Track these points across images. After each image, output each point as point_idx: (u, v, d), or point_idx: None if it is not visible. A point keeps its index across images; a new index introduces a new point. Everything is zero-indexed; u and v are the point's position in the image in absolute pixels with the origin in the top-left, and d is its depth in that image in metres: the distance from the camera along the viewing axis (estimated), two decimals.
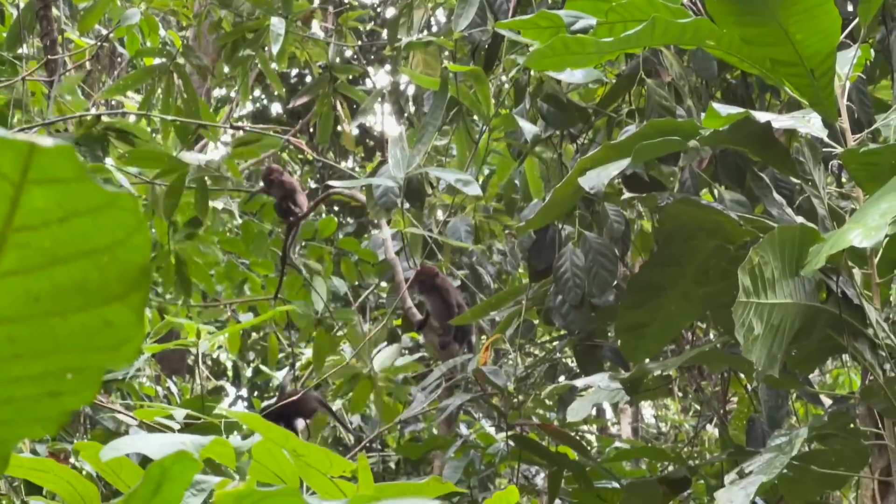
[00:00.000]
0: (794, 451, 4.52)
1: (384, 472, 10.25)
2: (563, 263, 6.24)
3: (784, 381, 5.31)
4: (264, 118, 13.79)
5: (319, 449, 2.70)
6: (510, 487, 2.84)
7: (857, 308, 4.77)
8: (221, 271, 9.25)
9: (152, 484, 2.09)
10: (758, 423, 6.49)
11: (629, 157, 4.73)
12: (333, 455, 2.74)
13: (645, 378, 5.41)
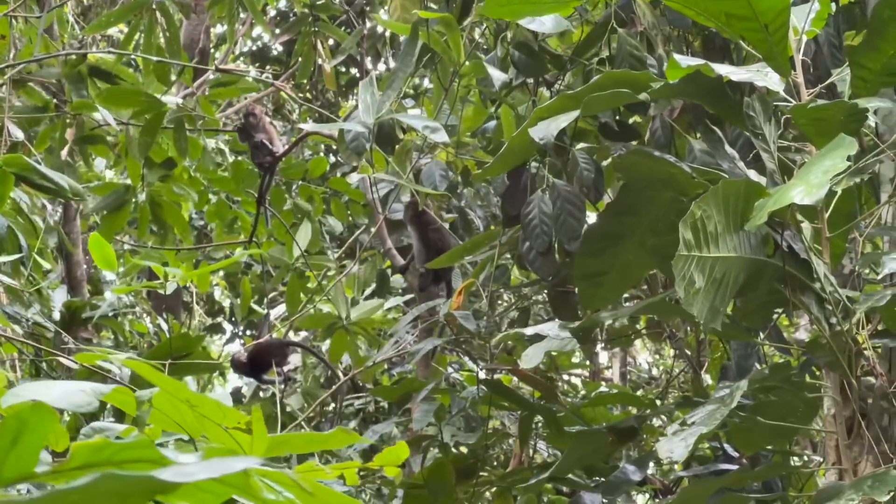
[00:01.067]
0: (734, 402, 4.57)
1: (376, 414, 10.33)
2: (531, 210, 6.27)
3: (732, 332, 5.35)
4: (263, 58, 13.81)
5: (212, 400, 2.74)
6: (399, 444, 2.88)
7: (805, 262, 4.80)
8: (212, 209, 9.33)
9: (10, 435, 2.13)
10: (730, 371, 6.54)
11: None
12: (226, 407, 2.78)
13: (596, 327, 5.46)
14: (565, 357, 8.96)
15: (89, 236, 6.67)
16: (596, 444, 5.45)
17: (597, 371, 10.96)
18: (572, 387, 9.87)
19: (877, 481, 4.51)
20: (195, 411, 2.78)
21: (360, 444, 7.98)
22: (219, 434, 2.83)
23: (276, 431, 8.97)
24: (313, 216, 9.15)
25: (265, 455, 2.85)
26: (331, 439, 3.07)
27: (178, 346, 7.65)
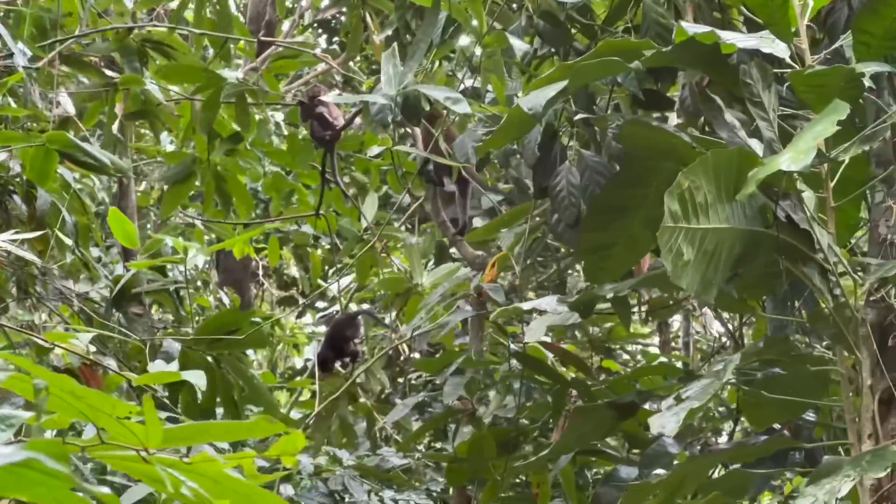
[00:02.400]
0: (726, 377, 4.47)
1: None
2: (559, 182, 6.18)
3: (731, 304, 5.23)
4: (331, 28, 13.76)
5: (98, 393, 2.72)
6: (294, 433, 2.83)
7: (805, 232, 4.67)
8: (269, 182, 9.34)
9: None
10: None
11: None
12: (114, 399, 2.75)
13: (597, 301, 5.37)
14: (622, 328, 8.83)
15: (110, 211, 6.72)
16: (597, 420, 5.37)
17: (667, 341, 10.81)
18: (632, 357, 9.76)
19: (875, 457, 4.39)
20: (82, 402, 2.75)
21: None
22: (112, 424, 2.80)
23: (345, 406, 9.01)
24: (370, 188, 9.13)
25: (166, 445, 2.82)
26: (254, 427, 3.01)
27: (228, 321, 7.69)
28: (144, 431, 2.84)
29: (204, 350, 7.54)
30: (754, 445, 5.29)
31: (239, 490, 2.88)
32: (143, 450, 2.82)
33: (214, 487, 2.87)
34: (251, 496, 2.89)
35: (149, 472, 2.85)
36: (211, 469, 2.87)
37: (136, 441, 2.84)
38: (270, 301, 12.66)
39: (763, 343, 5.01)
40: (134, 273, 8.27)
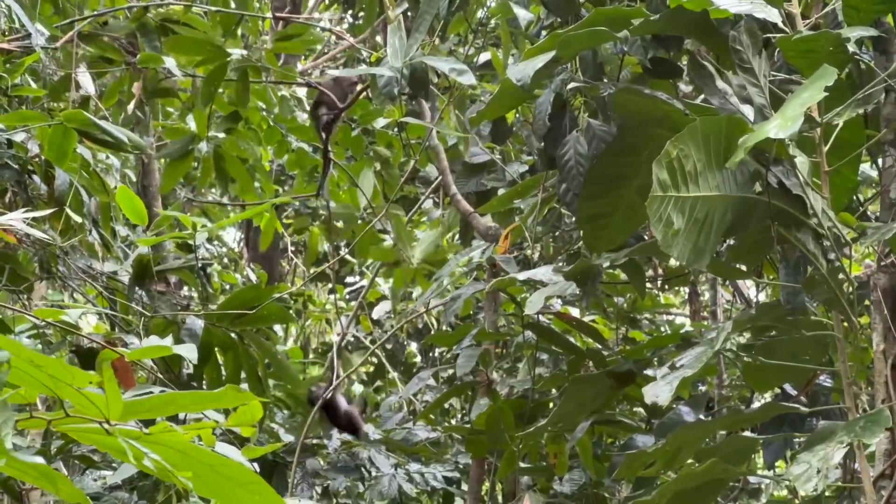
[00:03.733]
0: (718, 344, 4.47)
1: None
2: (567, 151, 6.17)
3: (728, 271, 5.22)
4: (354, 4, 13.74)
5: (57, 361, 2.74)
6: (254, 403, 2.85)
7: (799, 198, 4.65)
8: (293, 158, 9.38)
9: None
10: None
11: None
12: (74, 368, 2.77)
13: (593, 271, 5.37)
14: (648, 299, 8.85)
15: (118, 188, 6.77)
16: (595, 389, 5.38)
17: (697, 310, 10.78)
18: (658, 327, 9.74)
19: (869, 422, 4.38)
20: (41, 372, 2.77)
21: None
22: (73, 395, 2.81)
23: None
24: (393, 162, 9.15)
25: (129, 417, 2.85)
26: (221, 397, 3.02)
27: (251, 297, 7.74)
28: (106, 403, 2.86)
29: (227, 326, 7.60)
30: (751, 412, 5.29)
31: (205, 460, 2.91)
32: (105, 421, 2.85)
33: (180, 458, 2.90)
34: (217, 466, 2.92)
35: (113, 445, 2.88)
36: (176, 441, 2.89)
37: (98, 413, 2.86)
38: (302, 277, 12.71)
39: (755, 310, 5.00)
40: (157, 251, 8.36)
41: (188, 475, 2.82)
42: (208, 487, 2.87)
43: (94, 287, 8.05)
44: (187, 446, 2.85)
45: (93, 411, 2.83)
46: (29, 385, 2.83)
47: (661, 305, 9.52)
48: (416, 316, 8.60)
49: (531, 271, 5.71)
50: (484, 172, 8.37)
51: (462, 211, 8.08)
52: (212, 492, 2.89)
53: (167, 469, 2.79)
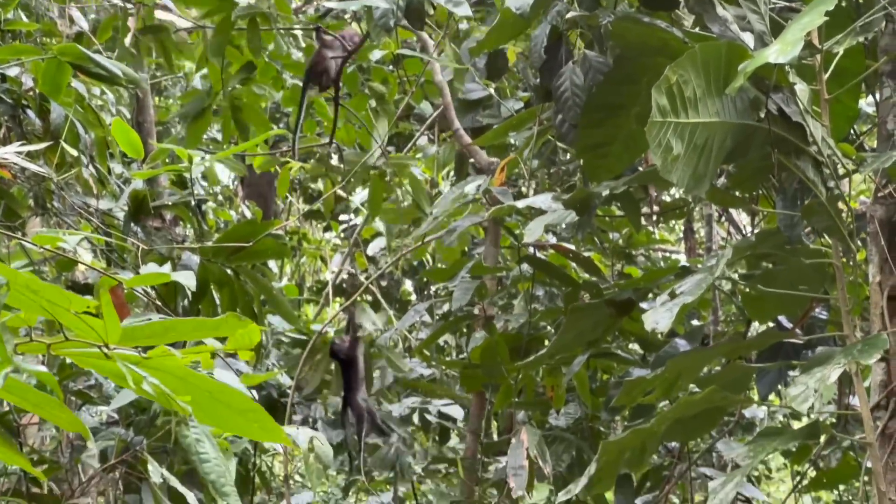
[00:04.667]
0: (718, 271, 4.46)
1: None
2: (563, 83, 6.12)
3: (726, 199, 5.20)
4: None
5: (54, 287, 2.72)
6: (252, 327, 2.82)
7: (799, 125, 4.62)
8: (287, 95, 9.32)
9: None
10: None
11: None
12: (71, 294, 2.74)
13: (592, 199, 5.34)
14: (643, 234, 8.83)
15: (113, 121, 6.73)
16: (595, 318, 5.37)
17: (692, 247, 10.75)
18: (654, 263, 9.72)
19: (866, 345, 4.38)
20: (40, 297, 2.75)
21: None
22: (70, 320, 2.79)
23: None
24: (388, 99, 9.09)
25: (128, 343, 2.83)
26: (222, 325, 2.99)
27: (246, 233, 7.72)
28: (104, 327, 2.83)
29: (223, 262, 7.59)
30: (749, 339, 5.28)
31: (203, 386, 2.89)
32: (104, 346, 2.83)
33: (179, 384, 2.88)
34: (216, 393, 2.90)
35: (112, 369, 2.85)
36: (175, 367, 2.87)
37: (96, 337, 2.83)
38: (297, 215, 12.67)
39: (755, 237, 4.98)
40: (153, 187, 8.33)
41: (187, 399, 2.81)
42: (207, 414, 2.85)
43: (89, 223, 8.03)
44: (186, 372, 2.83)
45: (91, 336, 2.80)
46: (28, 310, 2.80)
47: (657, 241, 9.50)
48: (411, 251, 8.56)
49: (530, 199, 5.69)
50: (479, 109, 8.33)
51: (463, 145, 8.03)
52: (210, 418, 2.87)
53: (166, 394, 2.78)
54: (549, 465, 5.99)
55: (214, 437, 4.18)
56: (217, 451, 3.77)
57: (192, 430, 3.85)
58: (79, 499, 7.34)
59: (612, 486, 5.56)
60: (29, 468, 3.02)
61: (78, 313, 2.79)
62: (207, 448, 3.77)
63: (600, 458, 4.77)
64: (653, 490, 7.57)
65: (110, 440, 6.88)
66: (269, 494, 11.59)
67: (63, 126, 7.06)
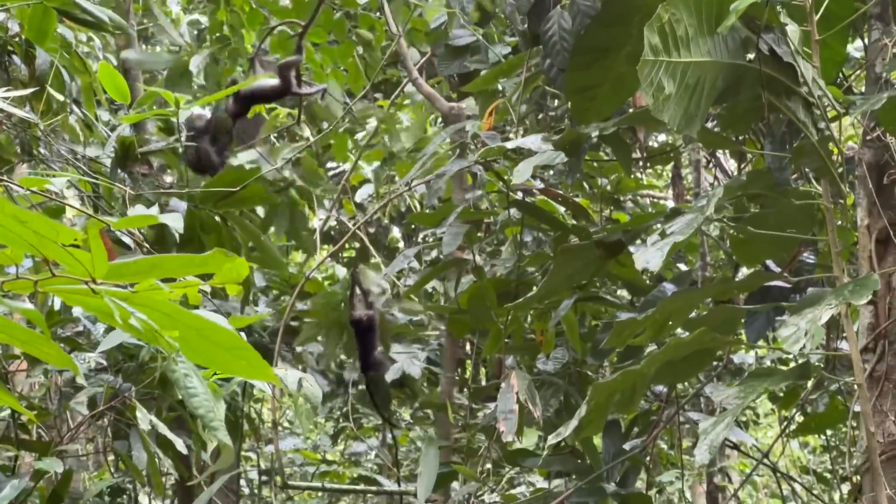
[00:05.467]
0: (709, 210, 4.44)
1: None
2: (551, 27, 6.10)
3: (717, 140, 5.17)
4: None
5: (41, 217, 2.69)
6: (239, 260, 2.80)
7: (790, 66, 4.60)
8: (275, 41, 9.26)
9: None
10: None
11: None
12: (59, 224, 2.72)
13: (582, 141, 5.32)
14: (631, 180, 8.82)
15: (100, 65, 6.68)
16: (584, 259, 5.34)
17: (680, 192, 10.73)
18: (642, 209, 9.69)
19: (857, 286, 4.37)
20: (26, 228, 2.71)
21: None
22: (58, 253, 2.76)
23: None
24: (375, 45, 9.05)
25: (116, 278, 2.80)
26: (209, 260, 2.96)
27: (232, 179, 7.69)
28: (91, 262, 2.80)
29: (210, 208, 7.56)
30: (739, 281, 5.27)
31: (190, 323, 2.87)
32: (92, 281, 2.80)
33: (166, 321, 2.86)
34: (204, 330, 2.88)
35: (99, 306, 2.83)
36: (163, 303, 2.85)
37: (84, 272, 2.81)
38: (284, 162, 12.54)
39: (746, 177, 4.96)
40: (140, 133, 8.29)
41: (175, 336, 2.79)
42: (194, 350, 2.84)
43: (76, 170, 7.99)
44: (174, 309, 2.82)
45: (79, 270, 2.78)
46: (14, 244, 2.77)
47: (645, 187, 9.48)
48: (398, 196, 8.54)
49: (520, 140, 5.66)
50: (467, 54, 8.29)
51: (424, 93, 7.99)
52: (197, 355, 2.86)
53: (154, 330, 2.76)
54: (538, 409, 5.99)
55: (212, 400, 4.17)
56: (205, 386, 3.76)
57: (180, 366, 3.84)
58: (67, 444, 7.34)
59: (602, 428, 5.56)
60: (18, 407, 3.00)
61: (65, 246, 2.76)
62: (195, 383, 3.76)
63: (590, 400, 4.77)
64: (641, 435, 7.58)
65: (99, 387, 6.87)
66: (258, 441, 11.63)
67: (49, 72, 7.01)
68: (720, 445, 10.07)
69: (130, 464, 6.98)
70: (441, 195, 8.17)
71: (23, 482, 6.51)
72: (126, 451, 7.00)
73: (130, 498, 9.03)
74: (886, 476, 4.89)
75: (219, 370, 2.91)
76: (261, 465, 11.30)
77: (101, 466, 10.51)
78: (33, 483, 6.62)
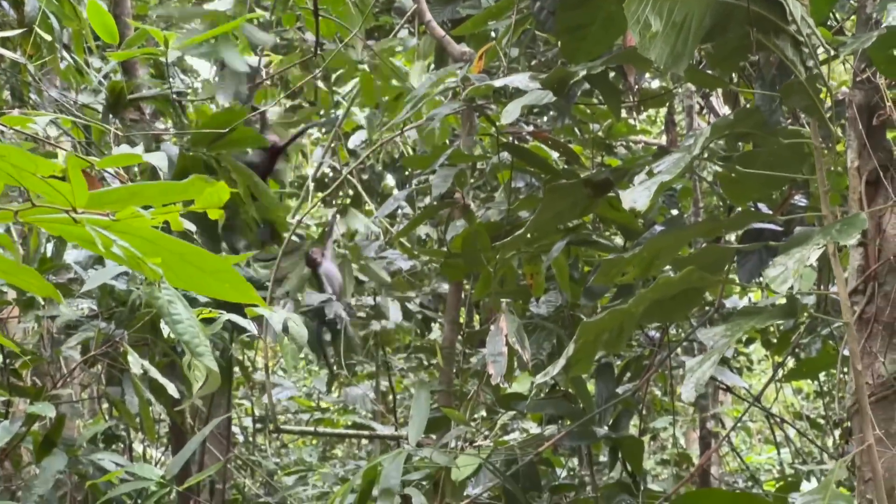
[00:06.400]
0: (696, 149, 4.43)
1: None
2: None
3: (705, 79, 5.15)
4: None
5: (19, 150, 2.68)
6: (220, 183, 2.79)
7: (778, 4, 4.57)
8: None
9: None
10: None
11: None
12: (38, 157, 2.71)
13: (570, 78, 5.29)
14: (622, 124, 8.79)
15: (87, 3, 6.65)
16: (573, 198, 5.33)
17: (673, 139, 10.72)
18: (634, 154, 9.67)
19: (845, 225, 4.36)
20: (3, 161, 2.71)
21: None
22: (37, 185, 2.75)
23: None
24: None
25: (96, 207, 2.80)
26: (189, 188, 2.95)
27: (223, 120, 7.68)
28: (71, 192, 2.80)
29: (203, 151, 7.56)
30: (727, 219, 5.27)
31: (173, 249, 2.87)
32: (72, 210, 2.80)
33: (149, 247, 2.85)
34: (186, 255, 2.88)
35: (81, 234, 2.83)
36: (144, 229, 2.85)
37: (64, 202, 2.80)
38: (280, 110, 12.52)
39: (734, 116, 4.95)
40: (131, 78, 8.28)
41: (157, 262, 2.79)
42: (178, 275, 2.84)
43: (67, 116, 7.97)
44: (155, 235, 2.81)
45: (59, 200, 2.77)
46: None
47: (637, 132, 9.45)
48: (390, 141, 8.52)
49: (507, 78, 5.64)
50: (460, 0, 8.27)
51: (436, 37, 7.96)
52: (181, 280, 2.86)
53: (136, 256, 2.76)
54: (528, 352, 5.99)
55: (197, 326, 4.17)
56: (190, 312, 3.77)
57: (163, 293, 3.84)
58: (60, 389, 7.37)
59: (590, 368, 5.57)
60: (12, 346, 3.00)
61: (45, 177, 2.76)
62: (180, 310, 3.77)
63: (578, 339, 4.78)
64: (634, 380, 7.60)
65: (91, 333, 6.89)
66: (251, 389, 11.67)
67: (37, 17, 6.98)
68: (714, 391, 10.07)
69: (123, 408, 7.00)
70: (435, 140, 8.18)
71: (14, 425, 6.54)
72: (119, 397, 7.02)
73: (125, 445, 9.06)
74: (876, 417, 4.91)
75: (202, 293, 2.90)
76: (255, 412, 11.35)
77: (96, 415, 10.55)
78: (26, 428, 6.64)
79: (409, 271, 9.39)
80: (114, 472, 6.34)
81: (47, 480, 6.56)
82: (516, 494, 6.61)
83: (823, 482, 4.39)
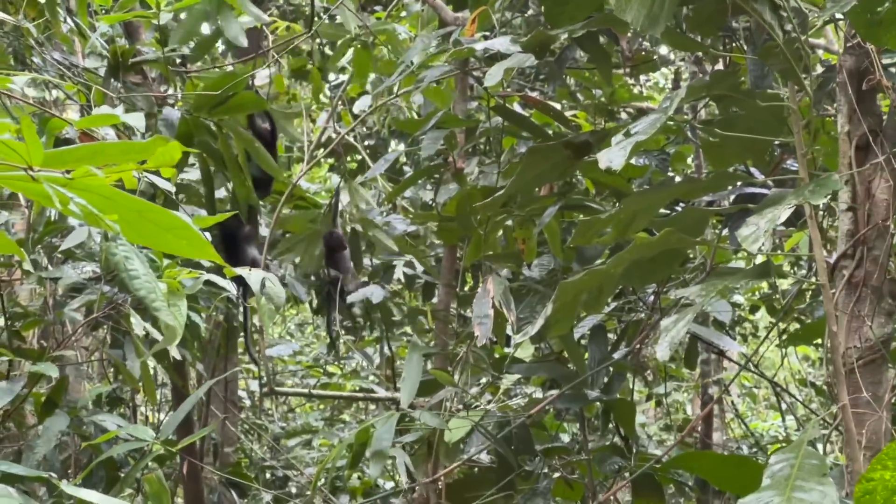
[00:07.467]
0: (671, 110, 4.46)
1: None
2: None
3: (684, 42, 5.17)
4: None
5: None
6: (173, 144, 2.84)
7: None
8: None
9: None
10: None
11: None
12: None
13: (551, 42, 5.32)
14: (624, 90, 8.81)
15: None
16: (553, 159, 5.36)
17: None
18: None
19: (818, 185, 4.40)
20: None
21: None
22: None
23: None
24: None
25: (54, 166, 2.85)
26: (148, 147, 3.01)
27: (225, 84, 7.71)
28: (27, 151, 2.85)
29: (204, 115, 7.60)
30: (705, 180, 5.29)
31: (130, 206, 2.92)
32: (29, 168, 2.86)
33: (106, 204, 2.91)
34: (144, 212, 2.94)
35: (39, 191, 2.88)
36: (102, 187, 2.90)
37: (20, 160, 2.86)
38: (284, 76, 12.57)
39: (710, 77, 4.97)
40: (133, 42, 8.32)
41: (114, 218, 2.84)
42: (136, 232, 2.89)
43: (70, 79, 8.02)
44: (112, 192, 2.86)
45: (15, 159, 2.82)
46: None
47: (640, 98, 9.45)
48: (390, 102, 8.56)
49: (489, 41, 5.67)
50: None
51: (430, 3, 7.98)
52: (140, 236, 2.91)
53: (93, 213, 2.81)
54: (513, 314, 6.03)
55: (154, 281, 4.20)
56: (147, 268, 3.82)
57: (120, 249, 3.89)
58: (63, 351, 7.45)
59: (570, 327, 5.61)
60: (16, 251, 3.04)
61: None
62: (136, 265, 3.82)
63: (557, 299, 4.83)
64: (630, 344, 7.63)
65: (94, 296, 6.96)
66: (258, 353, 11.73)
67: None
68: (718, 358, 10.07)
69: (125, 370, 7.07)
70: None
71: (17, 386, 6.62)
72: (122, 359, 7.09)
73: (129, 407, 9.15)
74: (864, 380, 4.97)
75: (160, 249, 2.96)
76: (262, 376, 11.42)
77: (103, 379, 10.64)
78: (28, 389, 6.73)
79: (411, 234, 9.44)
80: (111, 433, 6.41)
81: (49, 440, 6.64)
82: (507, 457, 6.67)
83: (796, 440, 4.44)
